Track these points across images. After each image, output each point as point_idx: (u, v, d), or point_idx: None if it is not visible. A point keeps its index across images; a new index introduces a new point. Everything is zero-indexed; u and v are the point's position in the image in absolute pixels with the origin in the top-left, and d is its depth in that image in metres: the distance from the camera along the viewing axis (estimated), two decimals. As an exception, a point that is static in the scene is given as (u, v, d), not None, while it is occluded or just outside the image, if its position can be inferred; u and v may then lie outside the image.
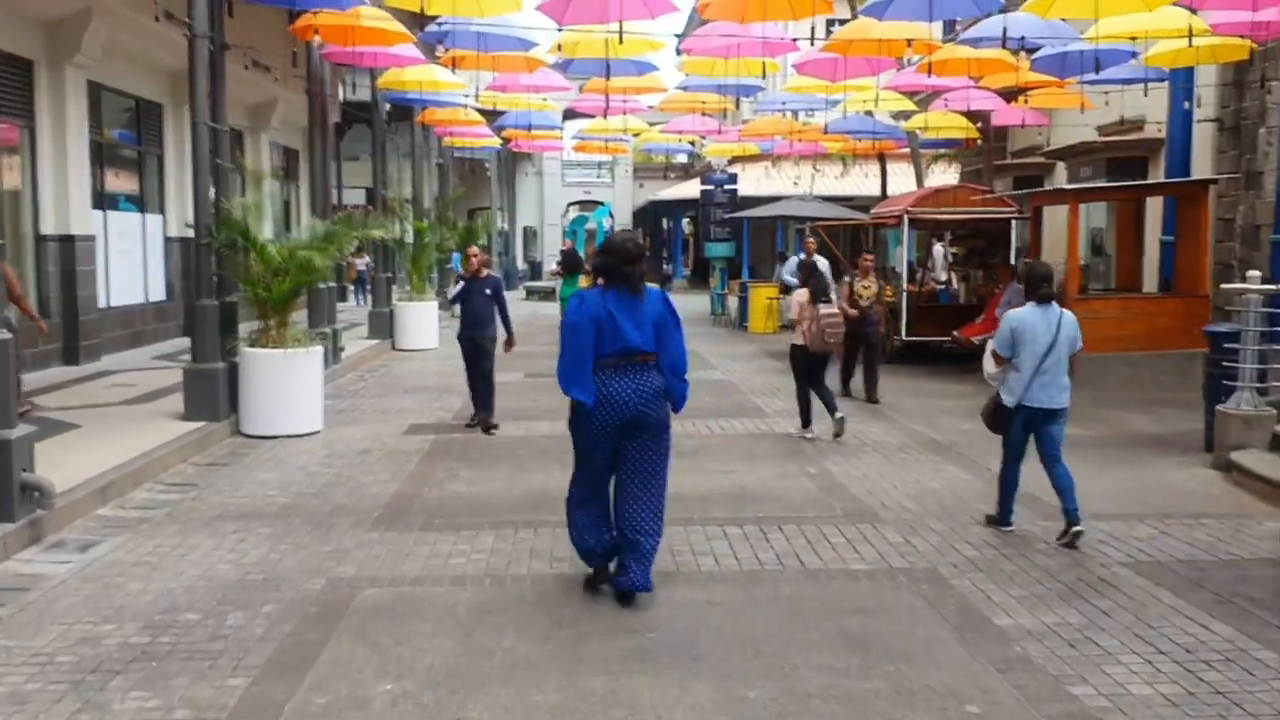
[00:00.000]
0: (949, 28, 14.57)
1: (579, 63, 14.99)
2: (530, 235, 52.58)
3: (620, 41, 9.15)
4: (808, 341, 10.36)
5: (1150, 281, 16.50)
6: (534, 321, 25.61)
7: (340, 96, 28.08)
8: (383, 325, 19.30)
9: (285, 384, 10.74)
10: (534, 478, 8.92)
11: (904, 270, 17.00)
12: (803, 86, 17.58)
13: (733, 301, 25.35)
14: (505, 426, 11.26)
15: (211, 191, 10.89)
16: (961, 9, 11.45)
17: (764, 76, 15.29)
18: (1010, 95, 19.29)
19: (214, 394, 10.54)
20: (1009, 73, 15.59)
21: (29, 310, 11.08)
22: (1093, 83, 15.61)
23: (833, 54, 14.31)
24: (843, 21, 10.36)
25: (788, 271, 12.98)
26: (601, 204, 48.05)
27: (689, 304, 32.08)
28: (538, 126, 22.37)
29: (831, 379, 11.56)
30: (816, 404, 10.88)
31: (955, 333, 16.19)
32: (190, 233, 11.70)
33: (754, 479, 9.00)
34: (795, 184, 35.60)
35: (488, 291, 11.02)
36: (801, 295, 10.47)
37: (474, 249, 11.36)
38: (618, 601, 5.78)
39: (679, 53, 15.86)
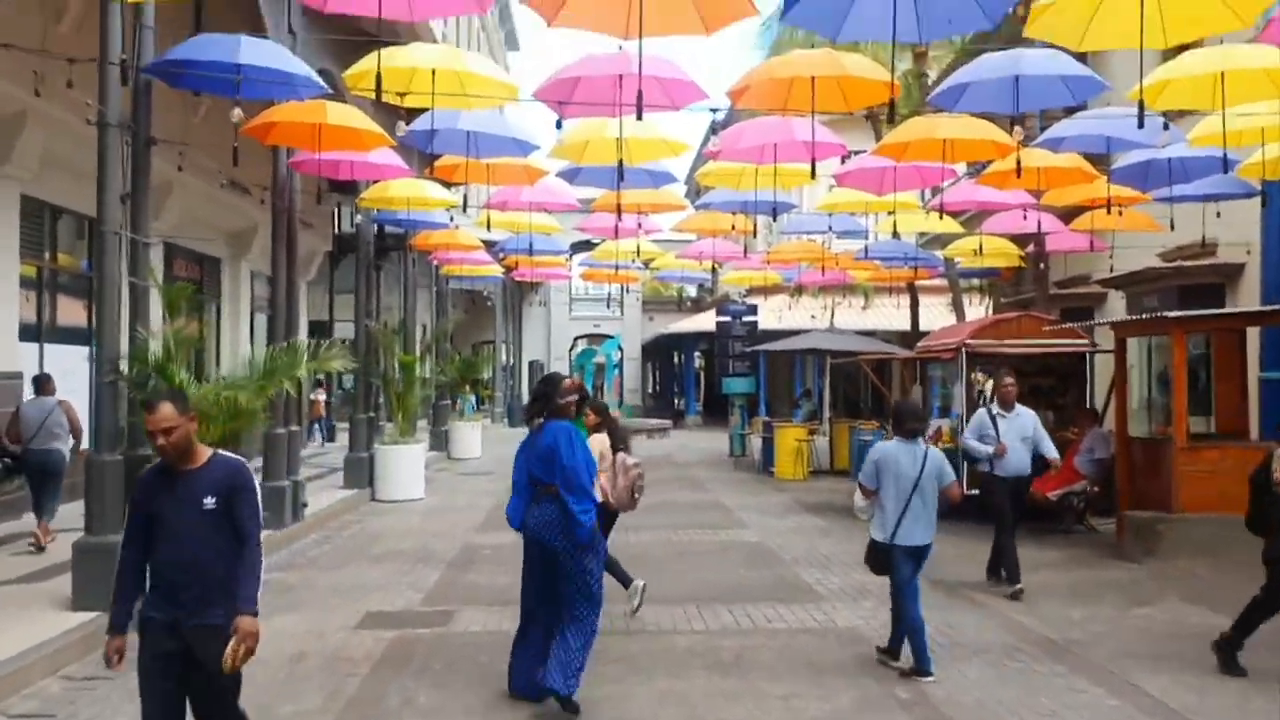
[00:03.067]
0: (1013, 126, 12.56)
1: (587, 171, 12.96)
2: (536, 369, 50.63)
3: (638, 116, 7.03)
4: (612, 499, 8.06)
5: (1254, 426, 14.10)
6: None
7: (336, 228, 26.43)
8: (361, 472, 16.91)
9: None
10: (521, 714, 6.42)
11: (963, 412, 14.62)
12: (839, 203, 15.55)
13: (755, 442, 22.96)
14: (488, 614, 8.79)
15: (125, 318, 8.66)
16: (1052, 96, 9.35)
17: (805, 182, 13.23)
18: (1068, 215, 17.30)
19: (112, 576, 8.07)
20: (1084, 184, 13.54)
21: None
22: (1178, 199, 13.51)
23: (883, 160, 12.24)
24: (890, 117, 8.23)
25: (974, 434, 10.08)
26: (610, 337, 46.14)
27: (705, 444, 29.77)
28: (541, 251, 20.35)
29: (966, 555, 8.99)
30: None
31: (1026, 485, 13.74)
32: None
33: (826, 711, 6.48)
34: (813, 318, 33.65)
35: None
36: (600, 443, 8.10)
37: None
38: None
39: (701, 155, 13.75)
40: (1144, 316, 13.39)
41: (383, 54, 8.46)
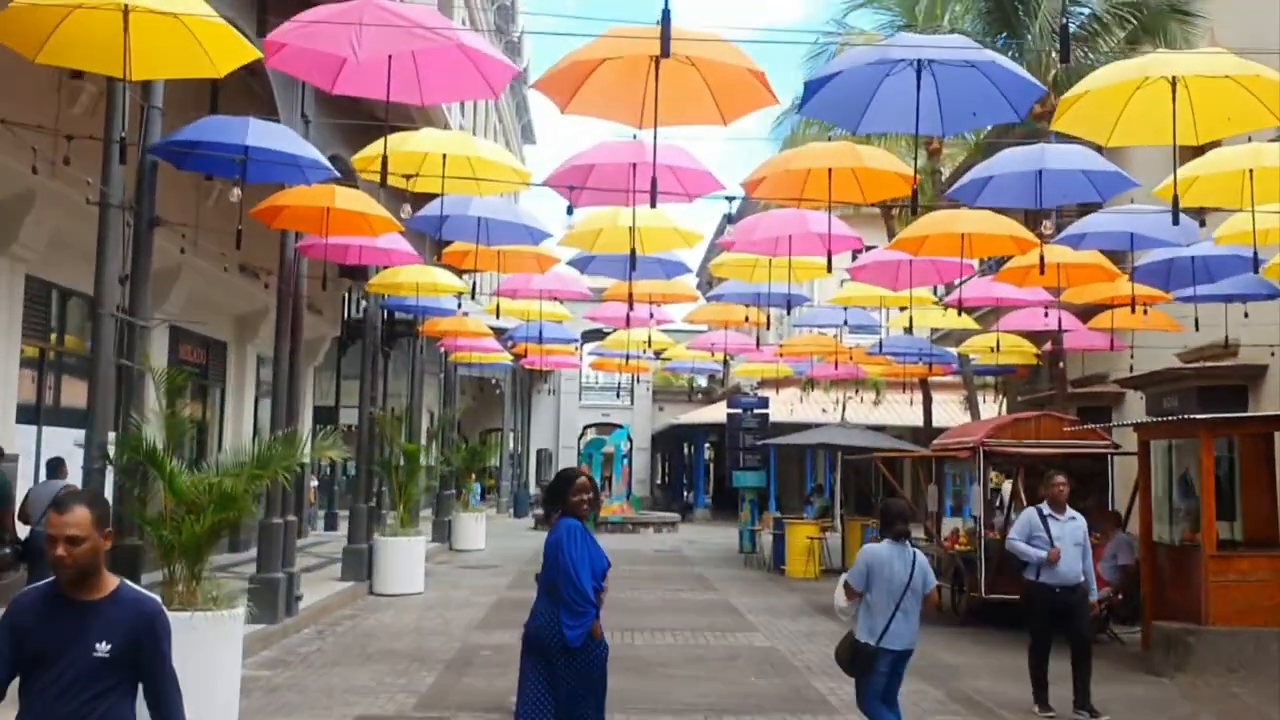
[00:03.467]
0: (1032, 221, 12.35)
1: (599, 260, 12.77)
2: (545, 458, 50.17)
3: (652, 204, 6.81)
4: None
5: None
6: (540, 558, 22.64)
7: (345, 314, 26.31)
8: (359, 564, 16.43)
9: (189, 662, 7.88)
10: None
11: (980, 513, 14.20)
12: (853, 298, 15.32)
13: (766, 539, 22.43)
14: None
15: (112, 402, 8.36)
16: (1076, 192, 9.12)
17: (819, 275, 13.01)
18: (1086, 313, 17.05)
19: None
20: (1105, 282, 13.29)
21: None
22: (1202, 299, 13.26)
23: (898, 254, 12.03)
24: (912, 209, 7.97)
25: (1021, 536, 9.45)
26: (620, 426, 45.77)
27: (714, 539, 29.17)
28: (551, 339, 20.13)
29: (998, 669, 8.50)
30: None
31: (1047, 591, 13.23)
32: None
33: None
34: (824, 412, 33.30)
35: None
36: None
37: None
38: None
39: (714, 245, 13.56)
40: (1170, 419, 13.03)
41: (393, 138, 8.30)
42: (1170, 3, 16.47)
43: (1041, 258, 9.84)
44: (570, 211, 8.64)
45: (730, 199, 7.45)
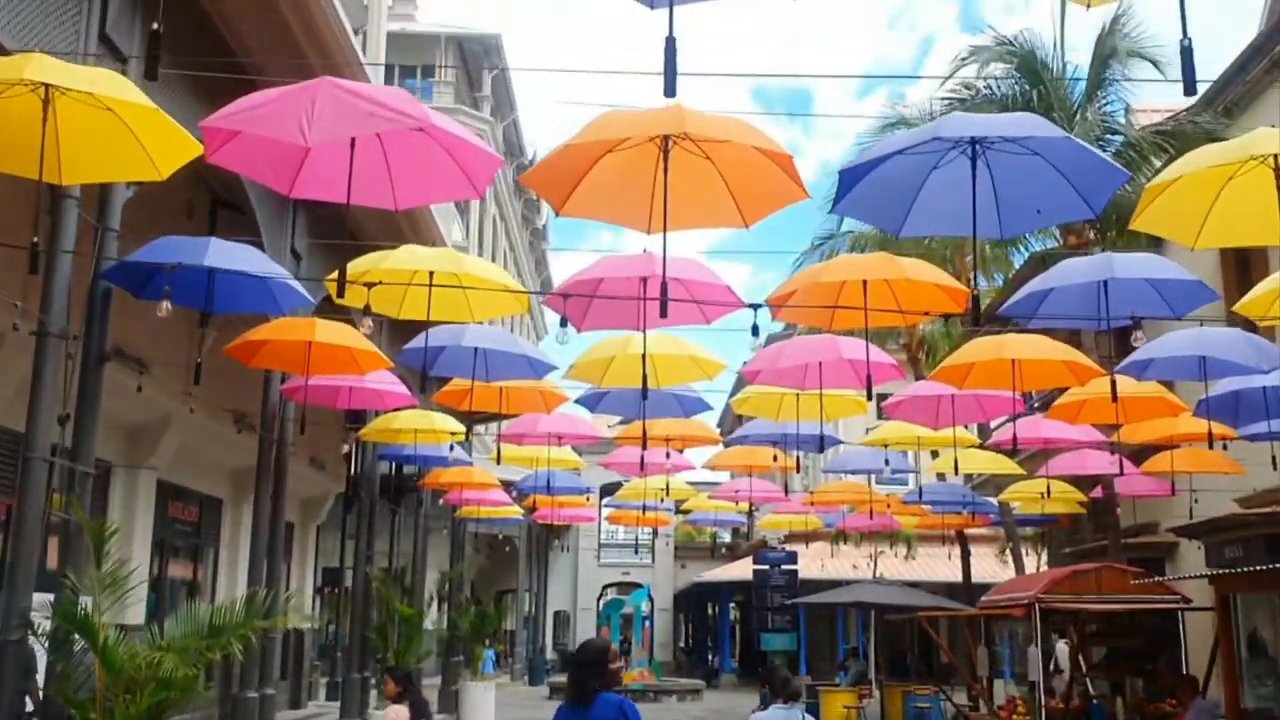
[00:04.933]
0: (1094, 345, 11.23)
1: (610, 398, 11.69)
2: (562, 620, 48.13)
3: (662, 313, 5.78)
4: None
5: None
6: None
7: (351, 469, 25.23)
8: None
9: None
10: None
11: (1039, 678, 12.66)
12: (889, 438, 14.14)
13: (797, 708, 20.64)
14: None
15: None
16: (1146, 306, 7.99)
17: (852, 412, 11.85)
18: (1137, 455, 15.79)
19: None
20: (1166, 419, 12.10)
21: None
22: (1276, 436, 12.02)
23: (938, 388, 10.90)
24: (974, 318, 6.84)
25: None
26: (640, 586, 43.94)
27: (742, 707, 27.09)
28: (563, 490, 18.90)
29: None
30: None
31: (1123, 770, 11.65)
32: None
33: None
34: (854, 568, 31.67)
35: None
36: (398, 715, 7.95)
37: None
38: None
39: (737, 377, 12.43)
40: (1260, 568, 11.61)
41: (370, 257, 7.38)
42: (1207, 130, 15.77)
43: (1114, 383, 8.67)
44: (564, 324, 7.63)
45: (755, 319, 6.45)
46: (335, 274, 6.34)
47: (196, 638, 7.17)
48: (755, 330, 6.67)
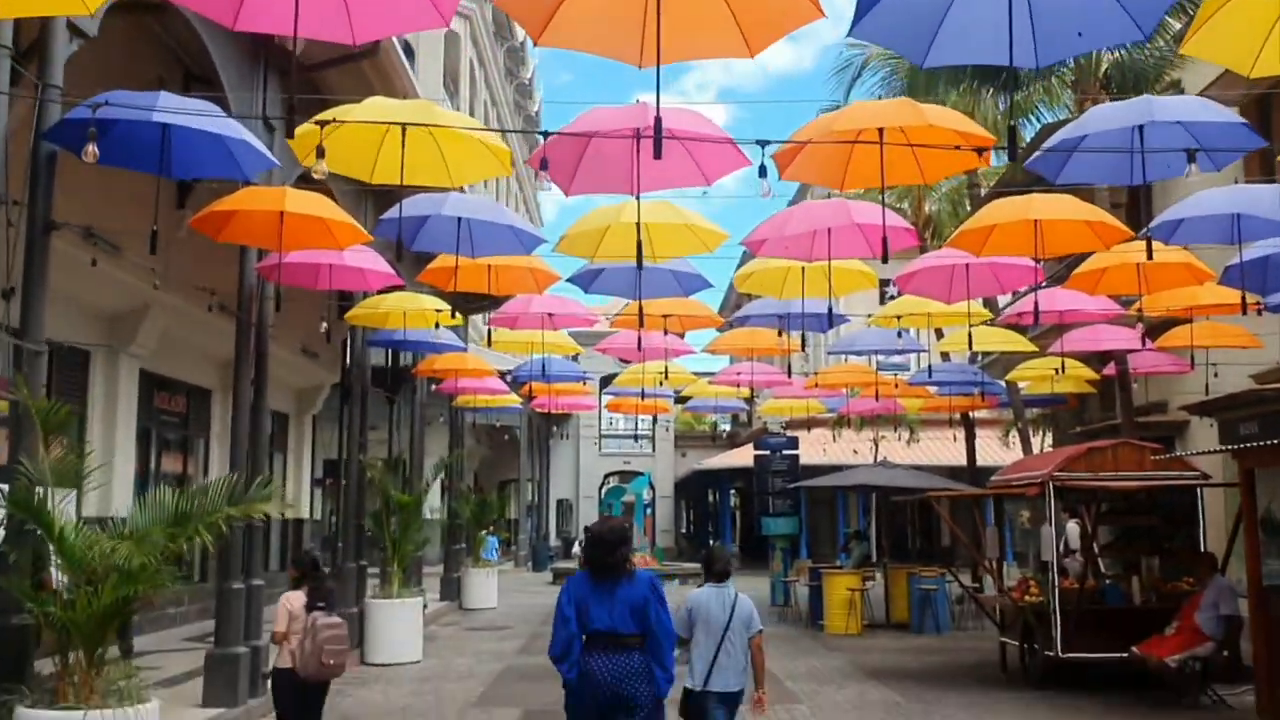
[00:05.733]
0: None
1: (605, 276, 11.03)
2: (565, 509, 48.34)
3: (656, 154, 5.09)
4: (296, 664, 7.42)
5: None
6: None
7: (346, 359, 24.69)
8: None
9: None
10: None
11: (1053, 559, 12.28)
12: (898, 313, 13.53)
13: (801, 591, 20.46)
14: None
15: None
16: (1177, 157, 7.29)
17: (861, 286, 11.19)
18: (1154, 332, 15.22)
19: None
20: (1189, 288, 11.47)
21: None
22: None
23: (955, 255, 10.26)
24: (1011, 153, 6.13)
25: None
26: (641, 474, 43.94)
27: (743, 589, 27.02)
28: (560, 377, 18.39)
29: None
30: None
31: (1135, 649, 11.32)
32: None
33: None
34: (855, 453, 31.41)
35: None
36: (294, 600, 7.56)
37: None
38: None
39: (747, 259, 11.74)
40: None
41: (335, 110, 6.66)
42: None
43: (1149, 242, 8.03)
44: (544, 166, 6.92)
45: (763, 157, 5.75)
46: (307, 132, 5.65)
47: (161, 526, 6.67)
48: (763, 171, 6.02)
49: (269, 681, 8.24)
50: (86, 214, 11.55)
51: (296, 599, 7.50)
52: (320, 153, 6.35)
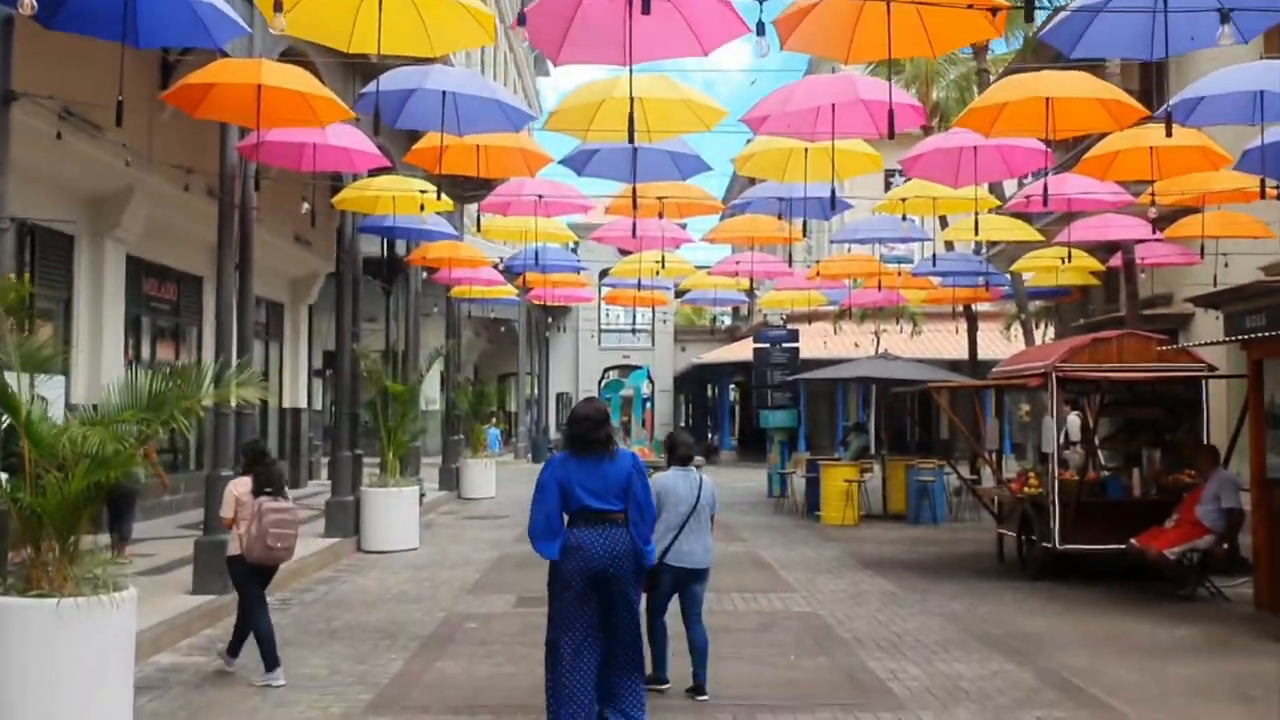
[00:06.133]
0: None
1: (599, 158, 10.62)
2: (565, 402, 48.41)
3: (645, 9, 4.66)
4: (243, 549, 7.63)
5: None
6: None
7: (342, 248, 24.28)
8: (345, 519, 14.59)
9: (58, 666, 6.02)
10: None
11: (1053, 451, 12.13)
12: (904, 195, 13.13)
13: (798, 483, 20.45)
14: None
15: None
16: (1205, 27, 6.84)
17: (866, 169, 10.77)
18: (1164, 222, 14.84)
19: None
20: (1203, 174, 11.08)
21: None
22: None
23: (964, 136, 9.85)
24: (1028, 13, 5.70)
25: None
26: (640, 368, 43.86)
27: (742, 483, 27.19)
28: (556, 267, 18.05)
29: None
30: None
31: (1134, 541, 11.24)
32: None
33: None
34: (857, 346, 31.18)
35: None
36: (240, 486, 7.75)
37: None
38: None
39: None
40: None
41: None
42: None
43: (1168, 119, 7.62)
44: (522, 21, 6.50)
45: (760, 13, 5.35)
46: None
47: (134, 411, 6.44)
48: (761, 28, 5.61)
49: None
50: (64, 92, 11.12)
51: (242, 485, 7.66)
52: (279, 6, 5.94)
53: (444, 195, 12.63)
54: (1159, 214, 14.42)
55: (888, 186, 21.30)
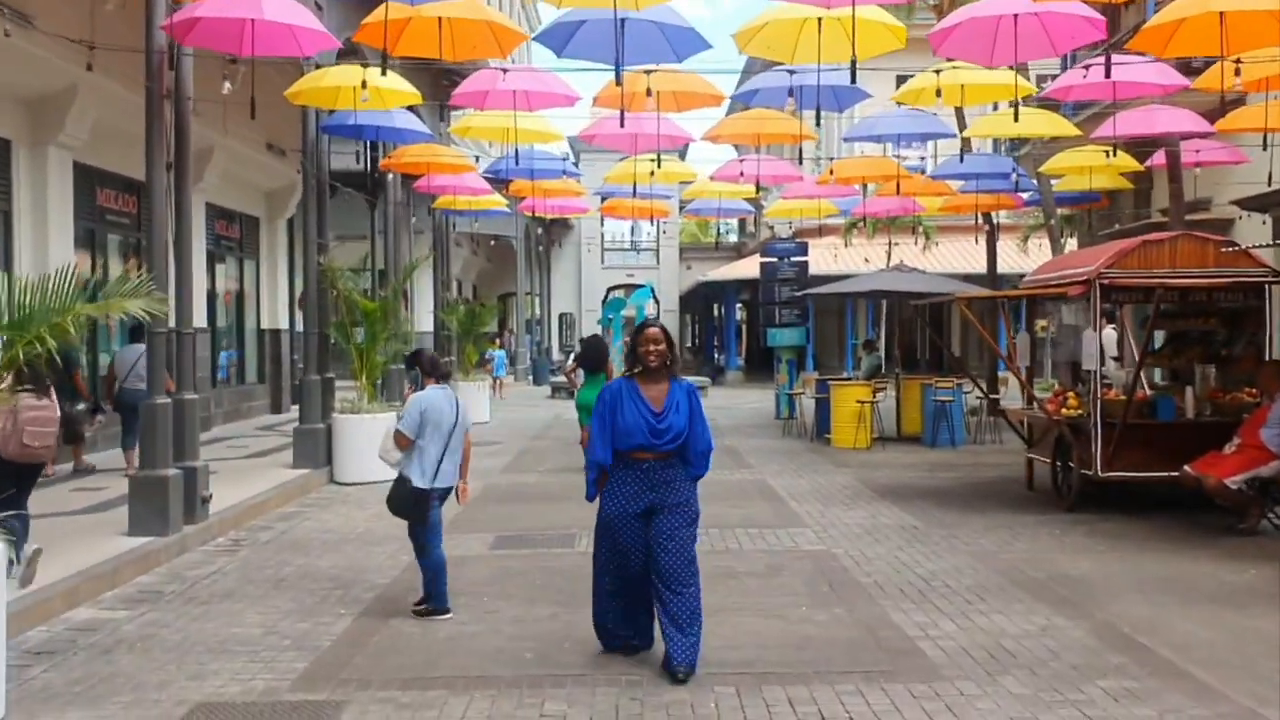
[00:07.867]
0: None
1: (581, 35, 9.15)
2: (567, 322, 47.15)
3: None
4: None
5: None
6: (550, 432, 19.65)
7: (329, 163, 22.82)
8: (314, 448, 13.44)
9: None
10: None
11: (1095, 368, 10.84)
12: (925, 88, 11.68)
13: (807, 404, 19.25)
14: (396, 712, 5.27)
15: None
16: None
17: (890, 46, 9.28)
18: (1210, 115, 13.41)
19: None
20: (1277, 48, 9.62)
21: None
22: None
23: (1001, 3, 8.40)
24: None
25: None
26: (643, 286, 42.49)
27: (749, 403, 26.06)
28: (545, 173, 16.62)
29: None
30: None
31: (1189, 468, 10.01)
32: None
33: None
34: (867, 261, 29.82)
35: None
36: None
37: None
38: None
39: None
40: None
41: None
42: None
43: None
44: None
45: None
46: None
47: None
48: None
49: None
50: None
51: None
52: None
53: (416, 91, 11.22)
54: (1207, 109, 12.99)
55: (898, 83, 19.76)
